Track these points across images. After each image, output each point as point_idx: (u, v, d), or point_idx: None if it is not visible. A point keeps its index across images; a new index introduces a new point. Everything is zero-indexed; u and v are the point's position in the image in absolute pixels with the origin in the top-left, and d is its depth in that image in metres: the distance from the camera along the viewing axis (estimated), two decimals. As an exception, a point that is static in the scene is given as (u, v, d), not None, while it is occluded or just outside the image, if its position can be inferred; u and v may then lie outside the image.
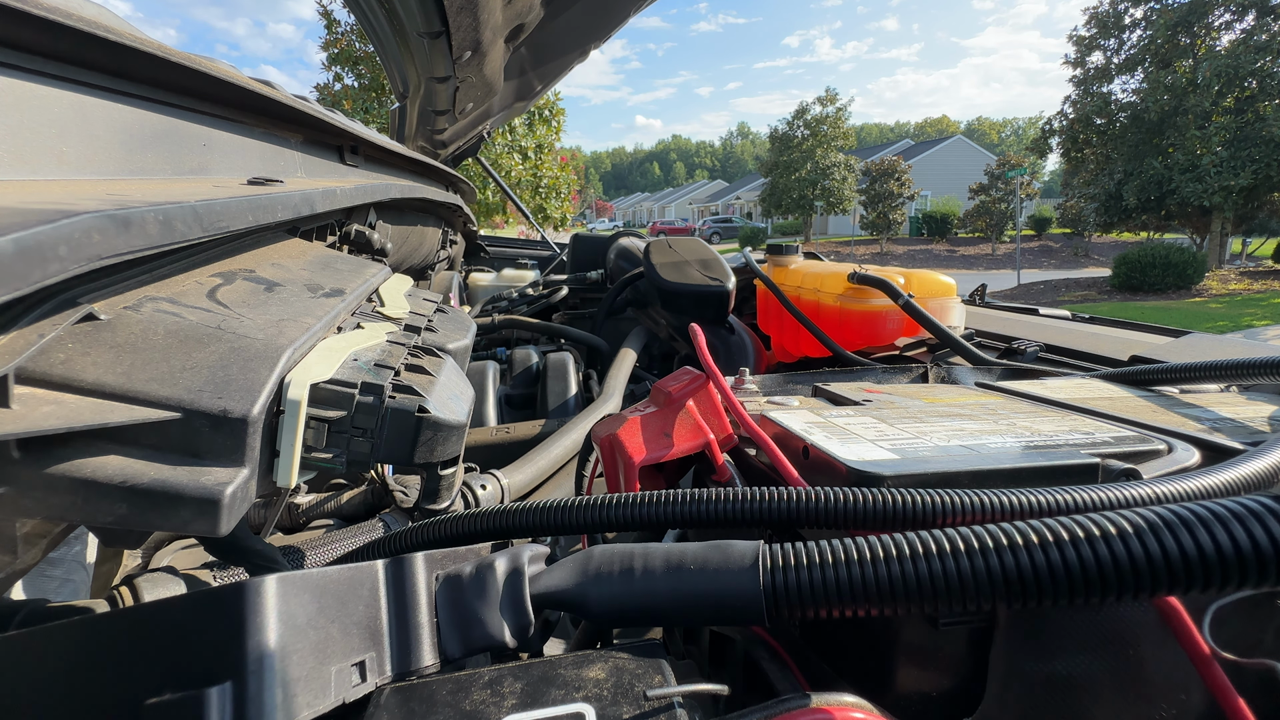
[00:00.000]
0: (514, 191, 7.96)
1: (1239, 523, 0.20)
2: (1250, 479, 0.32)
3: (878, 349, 1.10)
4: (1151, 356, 0.82)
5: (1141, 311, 9.76)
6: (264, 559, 0.42)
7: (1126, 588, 0.21)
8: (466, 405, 0.42)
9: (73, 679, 0.21)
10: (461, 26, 1.15)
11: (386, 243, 0.84)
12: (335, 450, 0.33)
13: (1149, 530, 0.21)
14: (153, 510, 0.25)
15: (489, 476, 0.83)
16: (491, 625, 0.26)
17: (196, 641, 0.20)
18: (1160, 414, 0.48)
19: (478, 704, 0.22)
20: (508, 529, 0.34)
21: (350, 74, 9.50)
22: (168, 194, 0.38)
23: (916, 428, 0.43)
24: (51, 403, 0.24)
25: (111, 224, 0.28)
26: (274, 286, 0.41)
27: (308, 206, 0.54)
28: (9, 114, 0.35)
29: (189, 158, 0.53)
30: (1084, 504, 0.29)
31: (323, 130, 0.82)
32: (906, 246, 20.26)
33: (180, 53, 0.48)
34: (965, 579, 0.22)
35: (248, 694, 0.19)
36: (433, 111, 1.64)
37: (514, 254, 2.83)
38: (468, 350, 0.54)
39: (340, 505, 0.77)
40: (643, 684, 0.22)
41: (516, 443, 1.02)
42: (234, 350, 0.31)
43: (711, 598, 0.25)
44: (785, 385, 0.66)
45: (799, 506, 0.31)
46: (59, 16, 0.36)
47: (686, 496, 0.32)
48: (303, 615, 0.21)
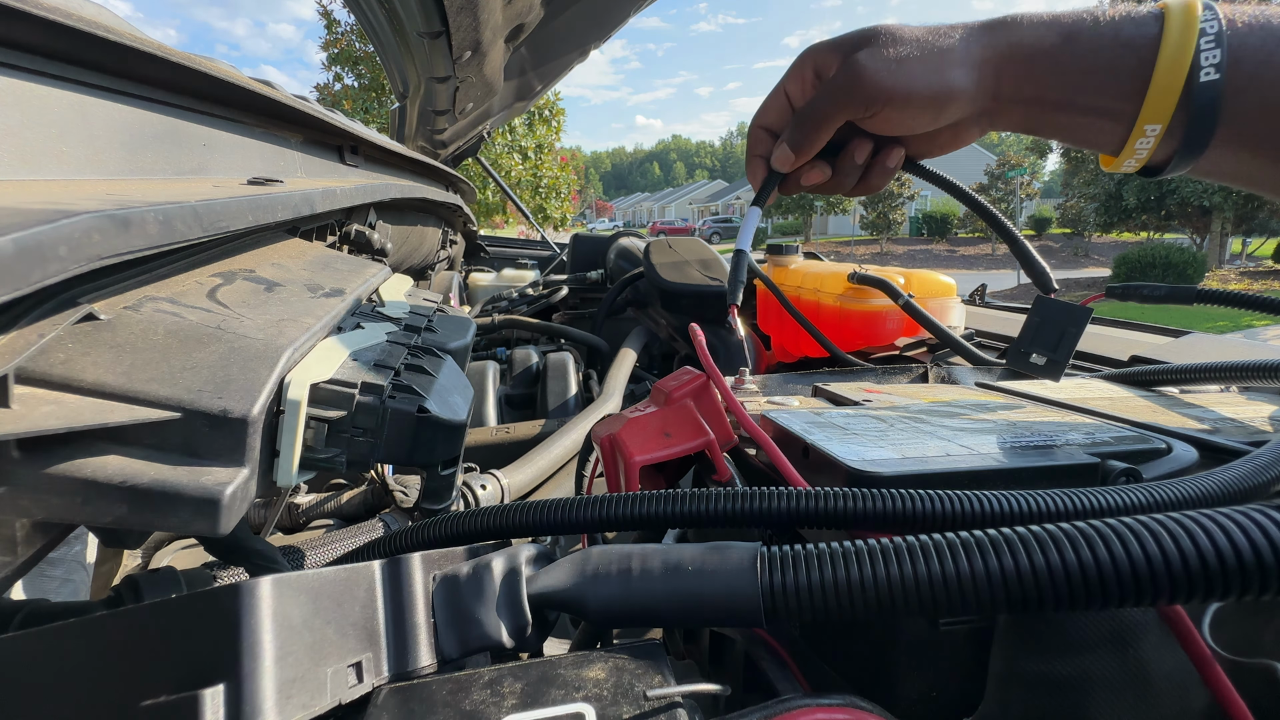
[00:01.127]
0: (514, 191, 7.96)
1: (1254, 529, 0.20)
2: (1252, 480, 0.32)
3: (878, 349, 1.10)
4: (1151, 357, 0.82)
5: (1141, 311, 9.75)
6: (264, 559, 0.42)
7: (1128, 595, 0.21)
8: (466, 405, 0.42)
9: (70, 680, 0.21)
10: (461, 26, 1.15)
11: (386, 243, 0.84)
12: (335, 450, 0.33)
13: (1152, 537, 0.21)
14: (153, 510, 0.25)
15: (489, 476, 0.83)
16: (489, 625, 0.26)
17: (191, 643, 0.20)
18: (1160, 414, 0.48)
19: (477, 704, 0.22)
20: (505, 528, 0.34)
21: (350, 74, 9.51)
22: (168, 194, 0.38)
23: (916, 427, 0.43)
24: (51, 403, 0.25)
25: (111, 224, 0.28)
26: (274, 286, 0.41)
27: (308, 206, 0.54)
28: (9, 114, 0.35)
29: (189, 158, 0.53)
30: (1086, 506, 0.29)
31: (323, 130, 0.82)
32: (906, 246, 20.26)
33: (180, 53, 0.48)
34: (965, 583, 0.22)
35: (242, 695, 0.19)
36: (433, 111, 1.64)
37: (514, 254, 2.83)
38: (468, 350, 0.54)
39: (340, 505, 0.77)
40: (643, 684, 0.22)
41: (516, 443, 1.02)
42: (234, 350, 0.31)
43: (710, 599, 0.24)
44: (785, 385, 0.66)
45: (799, 506, 0.31)
46: (59, 16, 0.36)
47: (686, 496, 0.32)
48: (298, 616, 0.21)
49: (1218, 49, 0.38)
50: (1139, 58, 0.40)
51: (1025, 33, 0.44)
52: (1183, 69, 0.39)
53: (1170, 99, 0.40)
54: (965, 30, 0.46)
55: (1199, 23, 0.38)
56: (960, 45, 0.45)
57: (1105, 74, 0.41)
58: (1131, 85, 0.41)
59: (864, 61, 0.46)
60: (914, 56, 0.45)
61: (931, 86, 0.45)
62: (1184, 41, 0.39)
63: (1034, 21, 0.44)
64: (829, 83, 0.48)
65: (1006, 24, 0.45)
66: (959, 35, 0.46)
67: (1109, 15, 0.42)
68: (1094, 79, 0.42)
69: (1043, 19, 0.44)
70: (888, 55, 0.46)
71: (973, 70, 0.45)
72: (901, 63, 0.45)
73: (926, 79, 0.45)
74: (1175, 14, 0.39)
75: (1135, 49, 0.40)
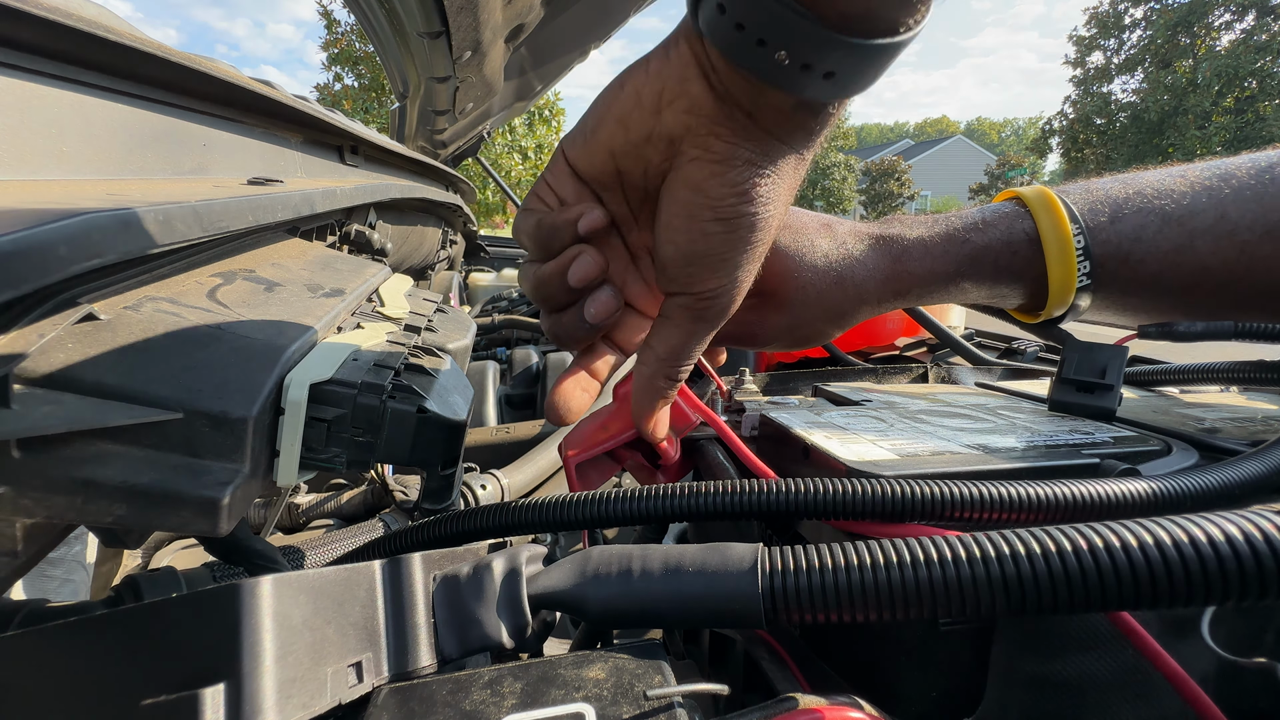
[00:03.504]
0: (514, 191, 7.96)
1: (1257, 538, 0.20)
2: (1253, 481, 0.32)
3: (878, 349, 1.10)
4: (1151, 357, 0.82)
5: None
6: (264, 559, 0.42)
7: (1128, 599, 0.21)
8: (466, 405, 0.42)
9: (70, 679, 0.21)
10: (461, 26, 1.15)
11: (386, 243, 0.84)
12: (335, 450, 0.33)
13: (1154, 544, 0.21)
14: (153, 510, 0.25)
15: (489, 476, 0.83)
16: (489, 625, 0.26)
17: (191, 642, 0.20)
18: (1160, 414, 0.48)
19: (477, 704, 0.22)
20: (503, 526, 0.34)
21: (350, 74, 9.50)
22: (168, 194, 0.38)
23: (916, 428, 0.43)
24: (51, 403, 0.25)
25: (111, 224, 0.28)
26: (274, 286, 0.41)
27: (308, 206, 0.54)
28: (9, 114, 0.35)
29: (189, 158, 0.53)
30: (1085, 499, 0.29)
31: (323, 130, 0.82)
32: (907, 246, 20.18)
33: (180, 53, 0.48)
34: (966, 587, 0.22)
35: (243, 694, 0.19)
36: (433, 111, 1.64)
37: (514, 254, 2.83)
38: (468, 350, 0.54)
39: (340, 505, 0.77)
40: (643, 684, 0.22)
41: (516, 443, 1.02)
42: (234, 350, 0.31)
43: (710, 600, 0.24)
44: (785, 385, 0.66)
45: (793, 498, 0.31)
46: (59, 16, 0.36)
47: (680, 490, 0.32)
48: (298, 616, 0.21)
49: (1087, 261, 0.45)
50: (1026, 259, 0.46)
51: (912, 258, 0.47)
52: (1070, 287, 0.45)
53: (1065, 300, 0.46)
54: (863, 247, 0.47)
55: (1073, 245, 0.44)
56: (861, 267, 0.47)
57: (1004, 275, 0.47)
58: (1026, 283, 0.47)
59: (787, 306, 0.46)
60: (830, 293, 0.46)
61: (842, 317, 0.48)
62: (1066, 268, 0.45)
63: (918, 242, 0.47)
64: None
65: (892, 241, 0.47)
66: (859, 253, 0.47)
67: (980, 220, 0.47)
68: (991, 280, 0.47)
69: (922, 228, 0.48)
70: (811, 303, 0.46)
71: (877, 289, 0.47)
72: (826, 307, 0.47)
73: (839, 314, 0.47)
74: (1048, 234, 0.45)
75: (1018, 252, 0.46)
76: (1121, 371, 0.46)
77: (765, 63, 0.26)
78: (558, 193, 0.36)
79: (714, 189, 0.30)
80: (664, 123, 0.31)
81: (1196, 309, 0.46)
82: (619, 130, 0.32)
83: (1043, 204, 0.46)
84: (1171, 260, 0.44)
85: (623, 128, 0.32)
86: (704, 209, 0.31)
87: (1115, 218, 0.45)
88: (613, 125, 0.32)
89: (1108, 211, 0.45)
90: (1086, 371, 0.47)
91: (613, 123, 0.32)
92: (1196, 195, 0.44)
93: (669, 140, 0.31)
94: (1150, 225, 0.45)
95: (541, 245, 0.36)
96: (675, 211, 0.32)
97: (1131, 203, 0.45)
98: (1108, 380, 0.46)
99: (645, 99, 0.31)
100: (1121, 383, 0.46)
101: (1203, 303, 0.46)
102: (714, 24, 0.27)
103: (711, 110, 0.29)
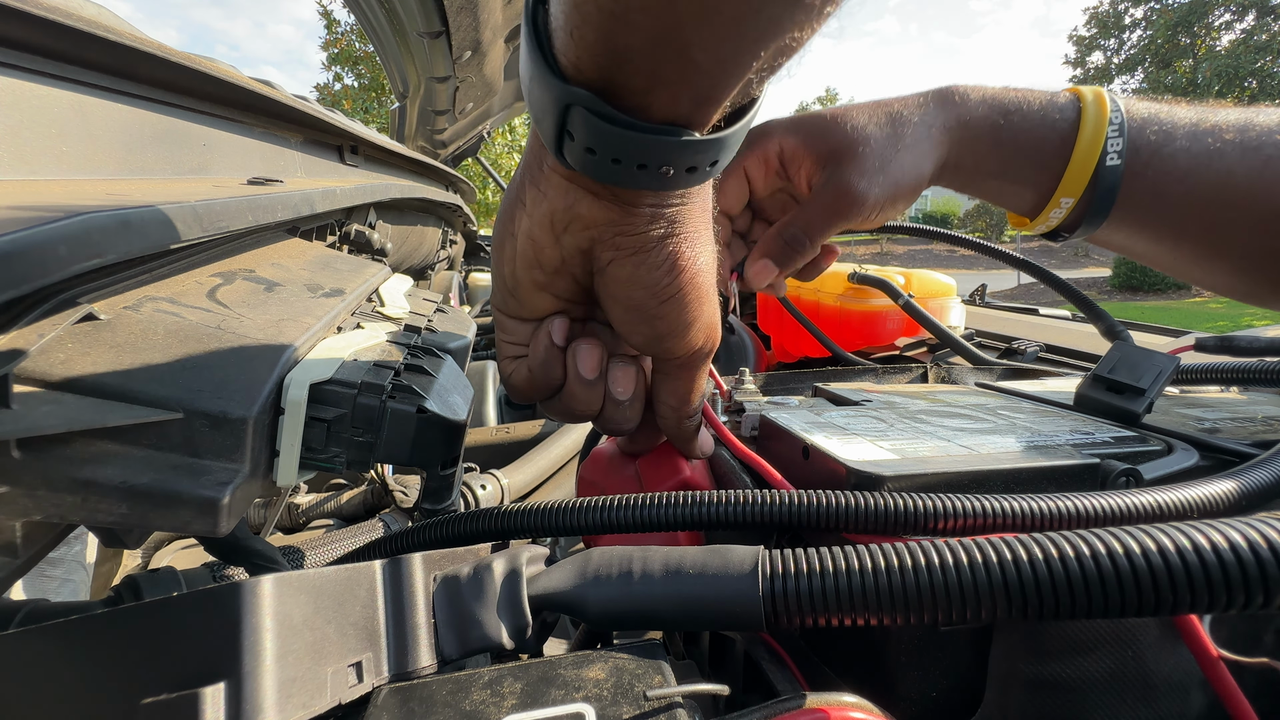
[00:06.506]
0: (514, 191, 7.93)
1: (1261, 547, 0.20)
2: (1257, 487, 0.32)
3: (878, 349, 1.10)
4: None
5: (1142, 311, 9.74)
6: (264, 559, 0.42)
7: (1130, 605, 0.21)
8: (466, 405, 0.42)
9: (70, 679, 0.21)
10: (461, 26, 1.15)
11: (386, 243, 0.84)
12: (335, 450, 0.33)
13: (1156, 551, 0.21)
14: (153, 510, 0.25)
15: (489, 476, 0.83)
16: (489, 626, 0.26)
17: (191, 641, 0.20)
18: (1160, 414, 0.48)
19: (477, 704, 0.22)
20: (506, 530, 0.34)
21: (350, 74, 9.50)
22: (168, 194, 0.38)
23: (916, 428, 0.43)
24: (51, 403, 0.25)
25: (111, 224, 0.28)
26: (274, 286, 0.41)
27: (308, 206, 0.54)
28: (9, 114, 0.35)
29: (189, 158, 0.53)
30: (1087, 512, 0.29)
31: (323, 130, 0.82)
32: (907, 246, 20.24)
33: (180, 52, 0.48)
34: (968, 591, 0.22)
35: (243, 694, 0.19)
36: (433, 111, 1.64)
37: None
38: (468, 350, 0.54)
39: (340, 505, 0.77)
40: (643, 684, 0.22)
41: (516, 443, 1.02)
42: (234, 350, 0.31)
43: (710, 603, 0.24)
44: (785, 385, 0.66)
45: (801, 510, 0.31)
46: (59, 16, 0.36)
47: (687, 499, 0.32)
48: (299, 615, 0.21)
49: (1121, 139, 0.47)
50: (1061, 138, 0.48)
51: (972, 110, 0.50)
52: (1095, 153, 0.47)
53: (1084, 177, 0.48)
54: (920, 109, 0.49)
55: (1108, 113, 0.47)
56: (922, 128, 0.49)
57: (1033, 151, 0.49)
58: (1053, 162, 0.49)
59: (854, 182, 0.47)
60: (894, 160, 0.48)
61: (913, 182, 0.49)
62: (1097, 130, 0.47)
63: (977, 99, 0.50)
64: (820, 203, 0.49)
65: (954, 100, 0.50)
66: (917, 117, 0.49)
67: (1037, 99, 0.50)
68: (1023, 155, 0.49)
69: (984, 97, 0.50)
70: (873, 168, 0.48)
71: (934, 149, 0.49)
72: (887, 172, 0.48)
73: (909, 179, 0.49)
74: (1089, 104, 0.48)
75: (1059, 131, 0.48)
76: (1164, 382, 0.44)
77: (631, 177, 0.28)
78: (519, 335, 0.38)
79: (644, 277, 0.32)
80: (567, 246, 0.33)
81: (1223, 226, 0.48)
82: (535, 272, 0.35)
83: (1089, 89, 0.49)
84: (1201, 162, 0.47)
85: (536, 268, 0.34)
86: (645, 298, 0.33)
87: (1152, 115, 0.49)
88: (526, 272, 0.35)
89: (1146, 113, 0.49)
90: (1124, 373, 0.46)
91: (525, 270, 0.35)
92: (1227, 113, 0.48)
93: (581, 254, 0.33)
94: (1182, 128, 0.48)
95: (545, 385, 0.38)
96: (621, 309, 0.34)
97: (1168, 113, 0.49)
98: (1142, 384, 0.45)
99: (539, 235, 0.33)
100: (1159, 393, 0.44)
101: (1228, 217, 0.47)
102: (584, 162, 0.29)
103: (606, 218, 0.31)
